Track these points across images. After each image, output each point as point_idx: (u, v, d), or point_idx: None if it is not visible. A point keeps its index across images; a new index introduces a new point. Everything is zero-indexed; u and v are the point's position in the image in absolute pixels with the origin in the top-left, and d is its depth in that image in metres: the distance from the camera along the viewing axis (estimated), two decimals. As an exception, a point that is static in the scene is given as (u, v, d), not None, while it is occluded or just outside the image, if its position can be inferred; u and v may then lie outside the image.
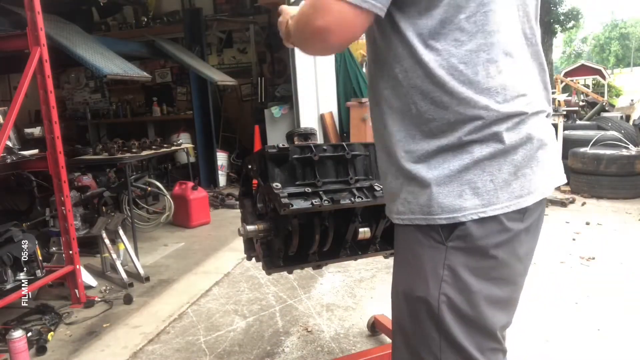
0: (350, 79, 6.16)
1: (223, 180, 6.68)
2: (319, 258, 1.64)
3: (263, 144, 4.84)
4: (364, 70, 6.17)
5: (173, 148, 4.82)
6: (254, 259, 1.79)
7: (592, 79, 17.28)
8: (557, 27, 21.01)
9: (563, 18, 21.29)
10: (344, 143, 1.60)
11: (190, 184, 4.78)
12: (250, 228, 1.53)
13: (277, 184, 1.42)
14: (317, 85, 5.82)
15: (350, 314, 2.66)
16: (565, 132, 5.88)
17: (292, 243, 1.49)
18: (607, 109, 9.53)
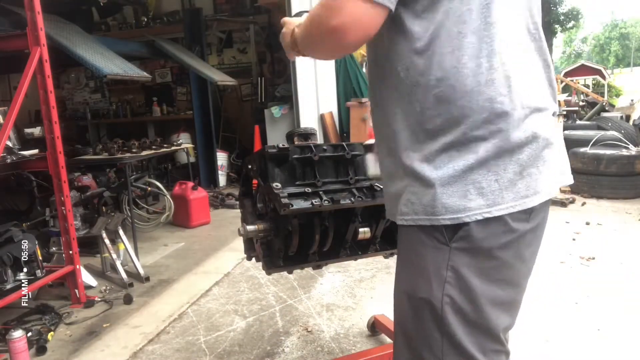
0: (350, 79, 6.16)
1: (223, 180, 6.69)
2: (319, 258, 1.64)
3: (263, 144, 4.83)
4: (364, 70, 6.17)
5: (173, 148, 4.83)
6: (254, 259, 1.79)
7: (592, 79, 17.31)
8: (557, 27, 21.03)
9: (563, 18, 21.33)
10: (344, 143, 1.60)
11: (190, 184, 4.78)
12: (250, 228, 1.52)
13: (277, 184, 1.42)
14: (317, 85, 5.81)
15: (350, 314, 2.66)
16: (565, 132, 5.88)
17: (292, 243, 1.49)
18: (607, 109, 9.54)
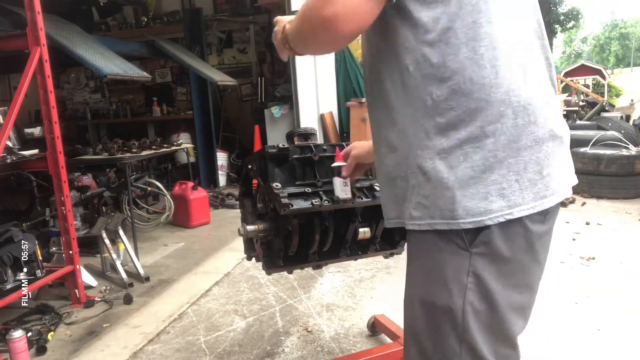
0: (350, 79, 6.15)
1: (223, 180, 6.69)
2: (319, 258, 1.64)
3: (263, 144, 4.84)
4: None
5: (173, 148, 4.83)
6: (254, 259, 1.79)
7: (592, 79, 17.31)
8: (557, 27, 21.04)
9: (563, 18, 21.35)
10: (344, 143, 1.59)
11: (190, 184, 4.78)
12: (250, 228, 1.52)
13: (277, 184, 1.42)
14: (317, 85, 5.81)
15: (350, 314, 2.66)
16: (565, 132, 5.87)
17: (292, 243, 1.49)
18: (607, 109, 9.54)
